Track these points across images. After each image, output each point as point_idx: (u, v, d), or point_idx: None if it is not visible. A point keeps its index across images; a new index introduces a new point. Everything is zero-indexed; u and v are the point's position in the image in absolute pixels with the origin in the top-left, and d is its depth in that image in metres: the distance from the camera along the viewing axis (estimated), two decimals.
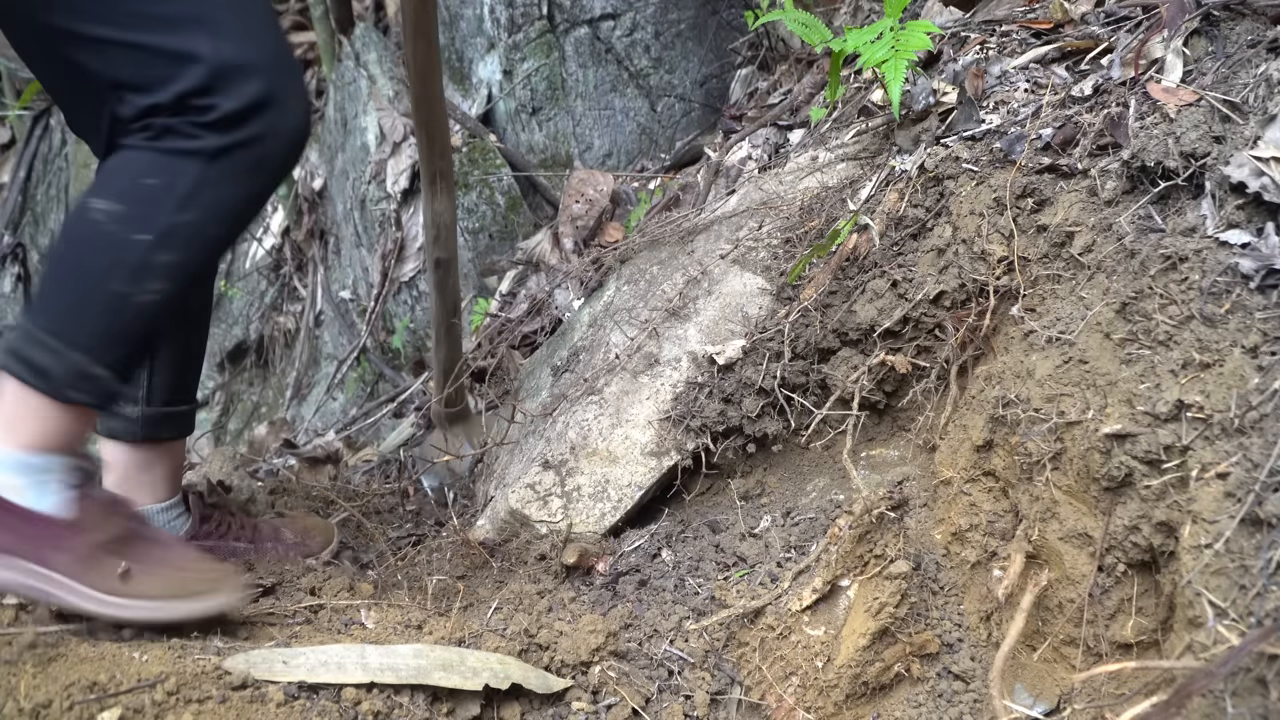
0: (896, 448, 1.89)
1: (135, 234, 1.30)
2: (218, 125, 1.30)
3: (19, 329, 1.32)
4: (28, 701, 1.10)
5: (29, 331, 1.30)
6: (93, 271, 1.31)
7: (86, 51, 1.30)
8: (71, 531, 1.30)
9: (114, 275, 1.30)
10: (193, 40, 1.28)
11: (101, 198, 1.30)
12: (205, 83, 1.28)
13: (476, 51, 3.59)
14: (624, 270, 2.38)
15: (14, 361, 1.30)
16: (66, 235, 1.33)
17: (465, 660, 1.37)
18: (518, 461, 2.10)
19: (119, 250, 1.30)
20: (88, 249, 1.31)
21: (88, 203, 1.31)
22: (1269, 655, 1.08)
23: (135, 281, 1.31)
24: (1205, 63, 1.60)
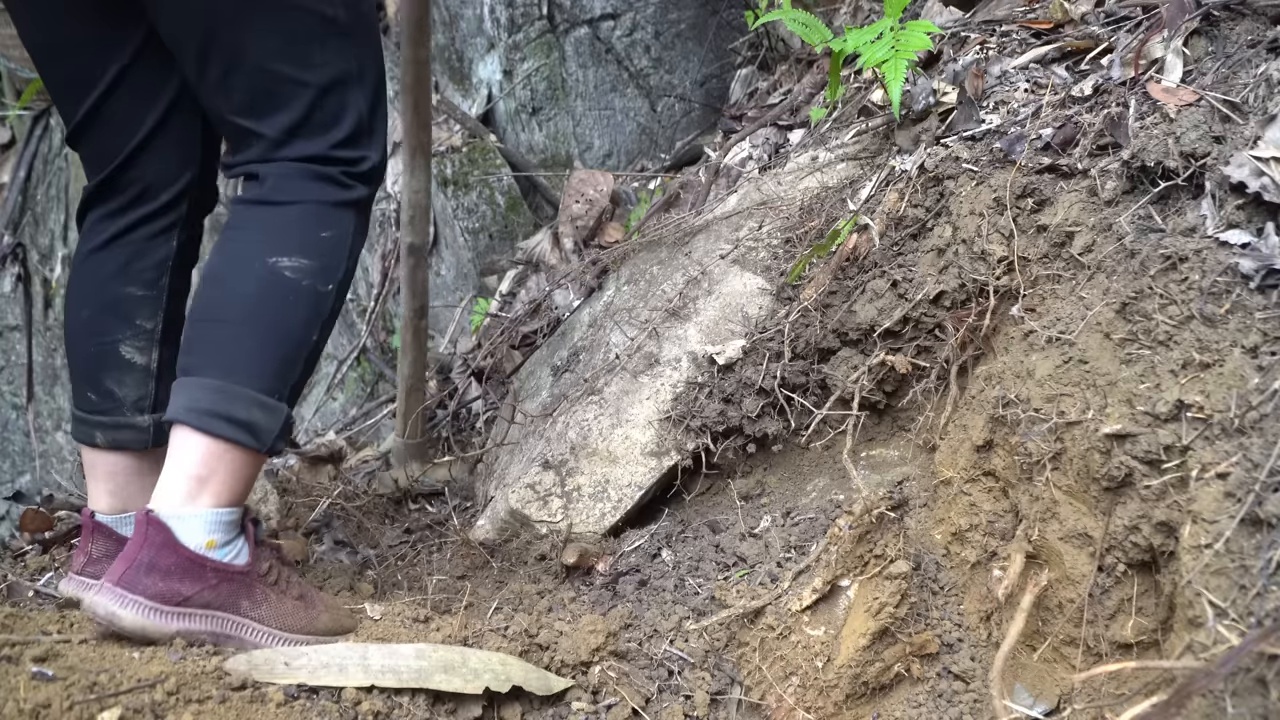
0: (896, 448, 1.89)
1: (324, 286, 1.40)
2: (366, 177, 1.43)
3: (207, 389, 1.34)
4: (27, 702, 1.10)
5: (231, 391, 1.34)
6: (294, 327, 1.38)
7: (253, 79, 1.37)
8: (253, 579, 1.37)
9: (312, 326, 1.39)
10: (355, 94, 1.41)
11: (285, 255, 1.37)
12: (359, 134, 1.42)
13: (476, 51, 3.59)
14: (624, 270, 2.38)
15: (221, 423, 1.33)
16: (257, 291, 1.37)
17: (467, 661, 1.37)
18: (518, 461, 2.10)
19: (315, 303, 1.39)
20: (287, 306, 1.38)
21: (270, 261, 1.37)
22: (1269, 655, 1.08)
23: (324, 330, 1.41)
24: (1205, 63, 1.60)
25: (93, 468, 1.63)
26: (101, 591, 1.27)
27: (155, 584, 1.28)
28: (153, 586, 1.28)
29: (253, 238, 1.39)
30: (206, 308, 1.40)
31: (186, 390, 1.35)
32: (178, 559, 1.30)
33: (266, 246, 1.38)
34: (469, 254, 3.34)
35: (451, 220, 3.37)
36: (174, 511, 1.31)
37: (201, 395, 1.34)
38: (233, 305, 1.38)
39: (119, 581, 1.27)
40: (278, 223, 1.39)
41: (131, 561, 1.28)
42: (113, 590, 1.27)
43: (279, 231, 1.39)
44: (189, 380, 1.36)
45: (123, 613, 1.26)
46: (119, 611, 1.26)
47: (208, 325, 1.39)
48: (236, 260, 1.39)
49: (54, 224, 4.62)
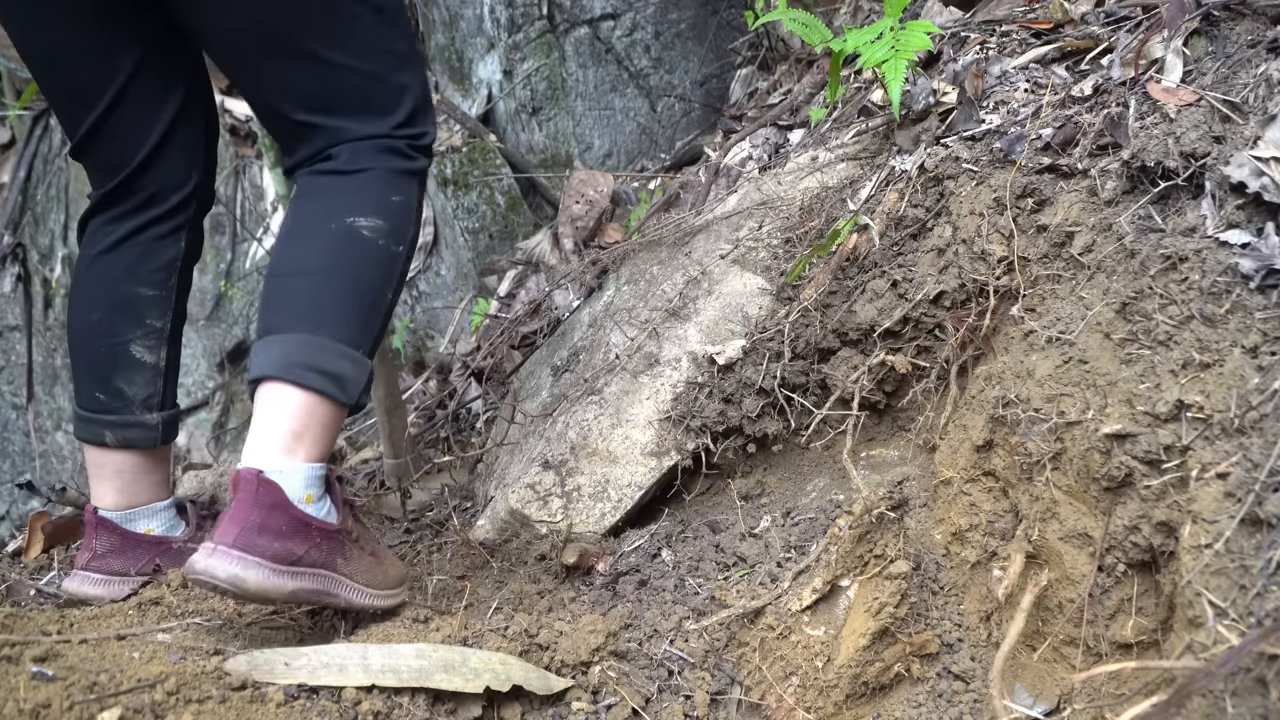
0: (896, 448, 1.89)
1: (396, 246, 1.45)
2: (427, 149, 1.50)
3: (298, 343, 1.36)
4: (27, 702, 1.09)
5: (320, 344, 1.36)
6: (374, 282, 1.43)
7: (313, 74, 1.42)
8: (345, 537, 1.40)
9: (387, 284, 1.44)
10: (409, 75, 1.48)
11: (362, 215, 1.41)
12: (417, 112, 1.48)
13: (476, 51, 3.59)
14: (623, 270, 2.38)
15: (315, 375, 1.35)
16: (338, 248, 1.41)
17: (468, 661, 1.37)
18: (518, 462, 2.10)
19: (389, 261, 1.44)
20: (366, 262, 1.42)
21: (349, 220, 1.41)
22: (1269, 655, 1.08)
23: (398, 289, 1.46)
24: (1205, 63, 1.60)
25: (100, 466, 1.64)
26: (217, 555, 1.26)
27: (271, 544, 1.29)
28: (270, 547, 1.29)
29: (329, 200, 1.43)
30: (288, 265, 1.42)
31: (275, 346, 1.35)
32: (289, 519, 1.31)
33: (344, 207, 1.41)
34: (469, 254, 3.34)
35: (451, 220, 3.37)
36: (277, 466, 1.32)
37: (293, 349, 1.35)
38: (315, 261, 1.40)
39: (236, 544, 1.27)
40: (352, 186, 1.43)
41: (244, 523, 1.28)
42: (230, 553, 1.26)
43: (354, 194, 1.43)
44: (276, 338, 1.36)
45: (246, 574, 1.26)
46: (242, 574, 1.26)
47: (291, 281, 1.41)
48: (315, 220, 1.42)
49: (54, 224, 4.62)
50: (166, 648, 1.30)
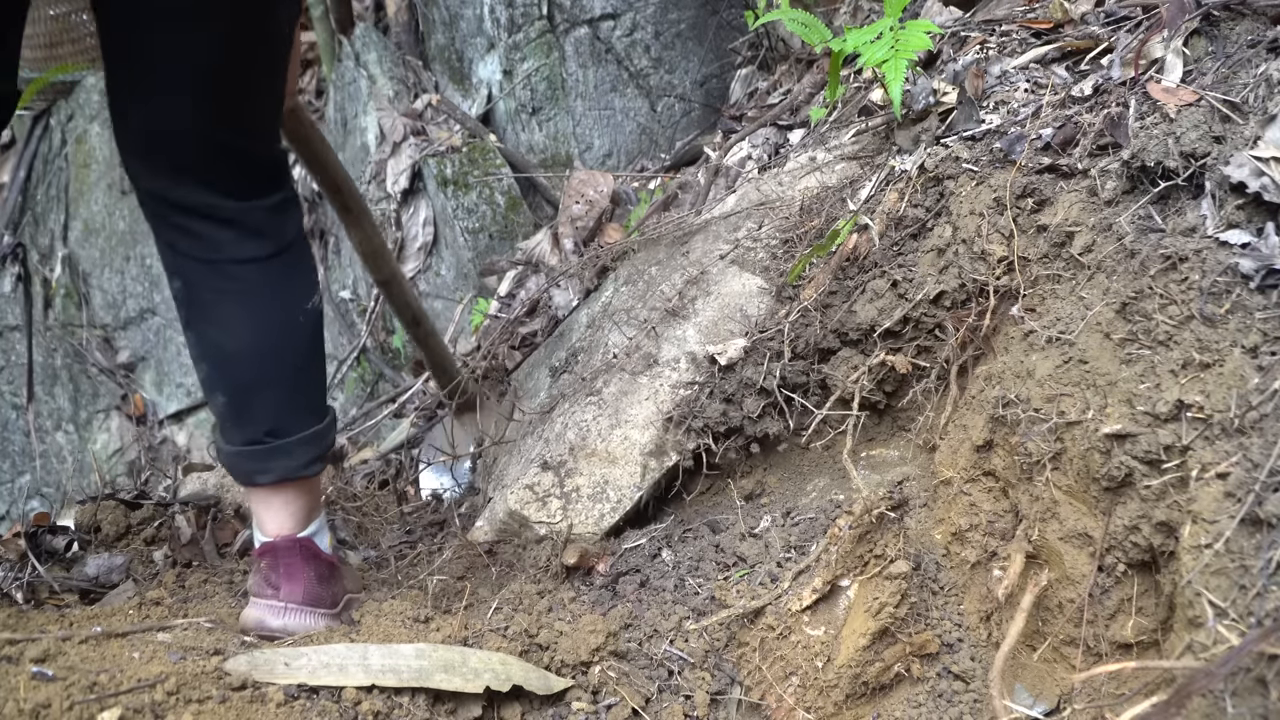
0: (896, 448, 1.89)
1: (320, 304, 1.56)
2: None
3: (315, 439, 1.52)
4: (27, 702, 1.09)
5: (323, 432, 1.53)
6: (322, 347, 1.57)
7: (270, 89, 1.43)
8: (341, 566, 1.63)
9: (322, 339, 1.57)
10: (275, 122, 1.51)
11: (313, 294, 1.50)
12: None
13: (476, 51, 3.59)
14: (622, 271, 2.38)
15: (324, 463, 1.54)
16: (316, 338, 1.52)
17: (468, 661, 1.37)
18: (516, 463, 2.10)
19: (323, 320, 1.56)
20: (321, 333, 1.54)
21: (312, 304, 1.50)
22: (1269, 655, 1.08)
23: None
24: (1205, 63, 1.60)
25: None
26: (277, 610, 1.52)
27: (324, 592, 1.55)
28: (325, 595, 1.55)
29: (293, 288, 1.49)
30: (279, 366, 1.48)
31: (295, 450, 1.49)
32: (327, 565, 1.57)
33: (306, 294, 1.50)
34: (469, 254, 3.34)
35: (451, 220, 3.37)
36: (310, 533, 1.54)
37: (309, 448, 1.51)
38: (302, 357, 1.51)
39: (299, 599, 1.51)
40: (298, 264, 1.50)
41: (300, 577, 1.52)
42: (299, 609, 1.52)
43: (306, 273, 1.51)
44: (292, 440, 1.48)
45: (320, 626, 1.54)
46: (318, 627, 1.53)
47: (288, 380, 1.50)
48: (290, 314, 1.48)
49: (54, 224, 4.63)
50: (166, 647, 1.30)
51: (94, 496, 2.06)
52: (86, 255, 4.55)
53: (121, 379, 4.39)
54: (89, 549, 1.89)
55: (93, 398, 4.46)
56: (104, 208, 4.45)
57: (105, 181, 4.43)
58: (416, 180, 3.44)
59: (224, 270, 1.41)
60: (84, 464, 4.34)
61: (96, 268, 4.52)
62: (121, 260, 4.45)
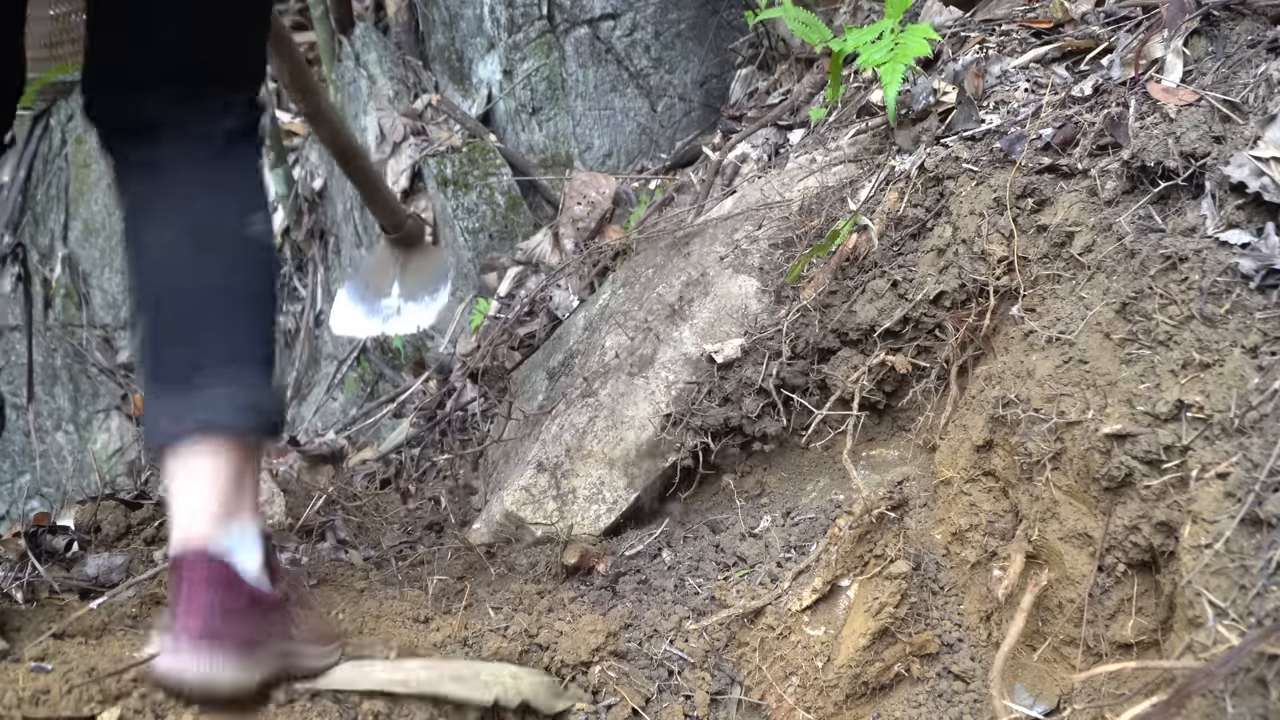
0: (896, 448, 1.89)
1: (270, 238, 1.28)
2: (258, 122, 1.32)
3: (244, 384, 1.18)
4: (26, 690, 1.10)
5: (256, 384, 1.19)
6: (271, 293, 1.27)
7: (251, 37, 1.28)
8: (287, 603, 1.25)
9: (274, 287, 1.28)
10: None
11: (255, 210, 1.24)
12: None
13: (476, 51, 3.59)
14: (620, 273, 2.38)
15: (258, 418, 1.18)
16: (249, 265, 1.22)
17: (479, 674, 1.36)
18: (513, 464, 2.10)
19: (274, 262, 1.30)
20: (268, 273, 1.27)
21: (246, 224, 1.21)
22: (1269, 655, 1.08)
23: None
24: (1205, 63, 1.60)
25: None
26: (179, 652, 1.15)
27: (237, 629, 1.16)
28: (237, 633, 1.16)
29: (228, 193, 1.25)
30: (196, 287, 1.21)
31: (223, 388, 1.18)
32: (247, 599, 1.18)
33: (240, 204, 1.24)
34: (469, 254, 3.34)
35: (451, 220, 3.37)
36: (217, 537, 1.16)
37: (244, 394, 1.19)
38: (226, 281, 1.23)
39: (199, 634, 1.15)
40: (239, 175, 1.26)
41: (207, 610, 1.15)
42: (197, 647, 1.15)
43: (244, 186, 1.26)
44: (220, 372, 1.18)
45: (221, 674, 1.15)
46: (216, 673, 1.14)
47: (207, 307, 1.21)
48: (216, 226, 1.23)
49: (54, 224, 4.62)
50: None
51: (94, 496, 2.06)
52: (86, 255, 4.55)
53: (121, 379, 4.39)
54: (89, 549, 1.89)
55: (93, 398, 4.46)
56: (104, 208, 4.45)
57: (105, 181, 4.43)
58: (416, 180, 3.44)
59: (169, 172, 1.23)
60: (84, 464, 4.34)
61: (96, 268, 4.52)
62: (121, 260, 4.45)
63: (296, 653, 1.24)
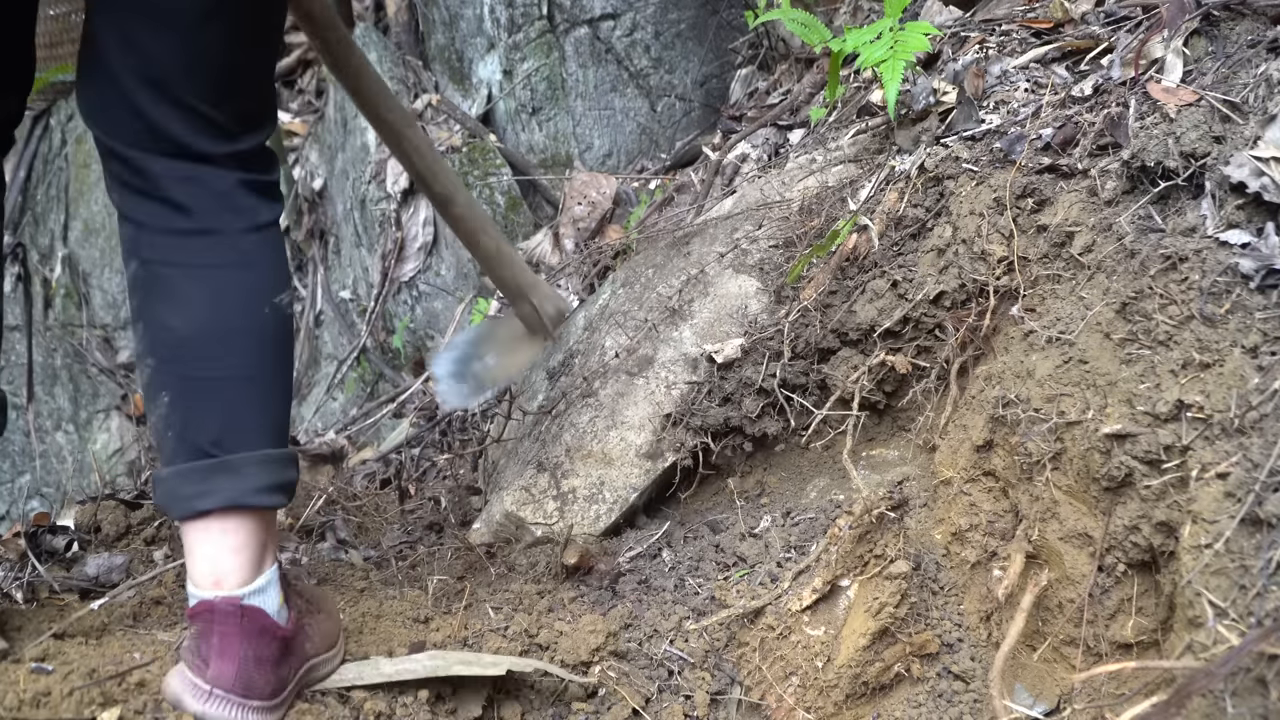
0: (896, 448, 1.89)
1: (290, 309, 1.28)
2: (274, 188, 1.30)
3: (267, 461, 1.22)
4: (27, 692, 1.10)
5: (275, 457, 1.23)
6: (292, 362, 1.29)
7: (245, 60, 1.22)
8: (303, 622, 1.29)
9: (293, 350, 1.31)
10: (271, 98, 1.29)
11: (284, 289, 1.25)
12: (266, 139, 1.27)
13: (476, 51, 3.59)
14: (620, 273, 2.38)
15: (282, 495, 1.24)
16: (279, 341, 1.25)
17: (481, 659, 1.37)
18: (512, 465, 2.10)
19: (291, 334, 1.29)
20: (290, 344, 1.28)
21: (276, 300, 1.24)
22: (1269, 655, 1.08)
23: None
24: (1205, 63, 1.60)
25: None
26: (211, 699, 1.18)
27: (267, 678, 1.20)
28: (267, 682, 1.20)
29: (252, 276, 1.25)
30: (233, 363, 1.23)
31: (243, 469, 1.21)
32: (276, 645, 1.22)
33: (267, 285, 1.25)
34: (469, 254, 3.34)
35: None
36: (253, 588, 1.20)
37: (262, 472, 1.22)
38: (260, 359, 1.25)
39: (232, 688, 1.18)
40: (265, 253, 1.27)
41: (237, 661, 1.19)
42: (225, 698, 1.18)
43: (271, 263, 1.27)
44: (243, 456, 1.21)
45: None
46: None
47: (243, 383, 1.24)
48: (251, 305, 1.25)
49: (54, 224, 4.62)
50: (168, 647, 1.30)
51: (94, 496, 2.06)
52: (86, 255, 4.55)
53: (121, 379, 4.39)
54: (89, 549, 1.89)
55: (93, 398, 4.46)
56: (104, 208, 4.45)
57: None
58: None
59: (189, 243, 1.22)
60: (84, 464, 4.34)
61: (96, 268, 4.52)
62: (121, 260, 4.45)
63: (314, 669, 1.29)
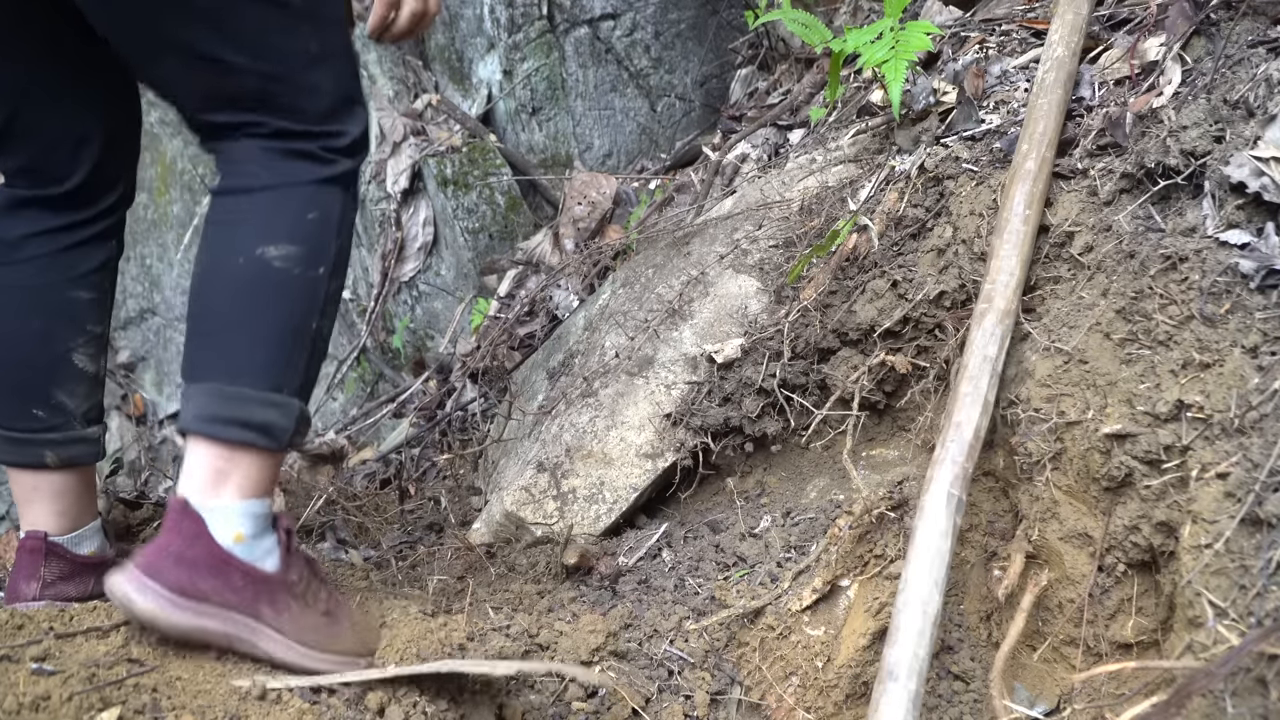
0: (896, 448, 1.89)
1: (316, 269, 1.34)
2: (349, 150, 1.38)
3: (214, 394, 1.30)
4: (27, 695, 1.10)
5: (237, 394, 1.30)
6: (293, 316, 1.34)
7: (224, 77, 1.32)
8: (279, 586, 1.32)
9: (310, 314, 1.35)
10: (320, 74, 1.36)
11: (274, 243, 1.32)
12: (331, 111, 1.36)
13: (476, 51, 3.59)
14: (620, 273, 2.38)
15: (234, 429, 1.29)
16: (247, 286, 1.33)
17: (496, 664, 1.35)
18: (513, 465, 2.10)
19: (309, 290, 1.35)
20: (282, 296, 1.33)
21: (258, 252, 1.31)
22: (1269, 655, 1.08)
23: (324, 314, 1.37)
24: (1205, 63, 1.60)
25: (36, 490, 1.53)
26: (124, 573, 1.24)
27: (178, 575, 1.24)
28: (174, 578, 1.24)
29: (236, 230, 1.34)
30: (201, 309, 1.36)
31: (194, 398, 1.31)
32: (206, 553, 1.26)
33: (251, 237, 1.32)
34: (469, 254, 3.34)
35: (451, 220, 3.37)
36: (200, 503, 1.27)
37: (209, 401, 1.30)
38: (226, 304, 1.34)
39: (142, 567, 1.24)
40: (260, 209, 1.34)
41: (161, 550, 1.26)
42: (135, 576, 1.24)
43: (262, 219, 1.34)
44: (195, 387, 1.32)
45: (138, 599, 1.23)
46: (135, 598, 1.23)
47: (205, 326, 1.35)
48: (222, 255, 1.34)
49: None
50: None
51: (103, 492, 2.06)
52: None
53: (121, 379, 4.39)
54: None
55: None
56: None
57: None
58: (416, 180, 3.43)
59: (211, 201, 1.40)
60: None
61: None
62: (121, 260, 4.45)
63: (261, 632, 1.29)
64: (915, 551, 1.27)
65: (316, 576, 1.40)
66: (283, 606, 1.31)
